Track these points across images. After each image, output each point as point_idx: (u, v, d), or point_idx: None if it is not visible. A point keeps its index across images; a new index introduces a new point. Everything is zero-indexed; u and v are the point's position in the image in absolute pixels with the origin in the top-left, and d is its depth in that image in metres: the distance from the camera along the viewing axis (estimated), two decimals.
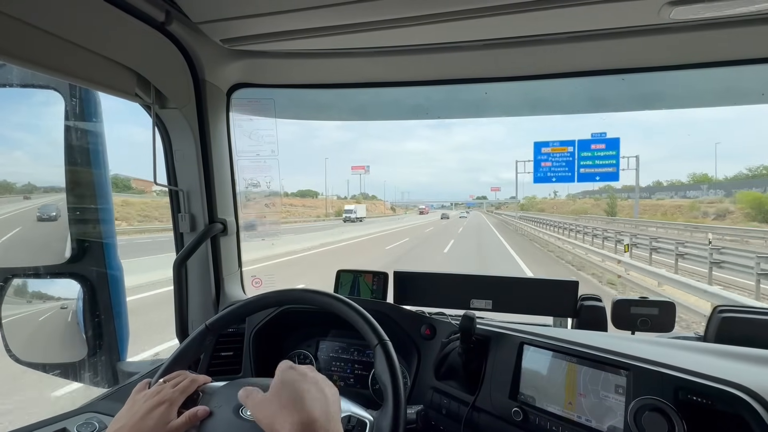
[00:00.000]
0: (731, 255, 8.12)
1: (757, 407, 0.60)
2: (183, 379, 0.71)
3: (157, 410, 0.64)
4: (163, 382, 0.71)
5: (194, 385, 0.71)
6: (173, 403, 0.66)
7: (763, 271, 6.98)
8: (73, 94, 1.13)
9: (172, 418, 0.64)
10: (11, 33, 0.70)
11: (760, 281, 7.03)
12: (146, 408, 0.64)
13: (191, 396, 0.69)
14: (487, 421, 0.87)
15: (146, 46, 0.97)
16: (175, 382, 0.70)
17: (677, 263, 9.88)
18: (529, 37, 1.01)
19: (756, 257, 7.22)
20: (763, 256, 7.18)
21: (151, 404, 0.65)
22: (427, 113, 1.51)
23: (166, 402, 0.65)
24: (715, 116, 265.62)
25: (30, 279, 1.23)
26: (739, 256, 7.94)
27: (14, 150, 1.60)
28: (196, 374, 0.74)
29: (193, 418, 0.65)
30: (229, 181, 1.34)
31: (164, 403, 0.65)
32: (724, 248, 8.59)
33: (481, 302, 1.19)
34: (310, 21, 0.93)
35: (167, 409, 0.65)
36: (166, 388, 0.68)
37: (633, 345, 0.80)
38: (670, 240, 11.86)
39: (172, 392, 0.67)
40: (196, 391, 0.71)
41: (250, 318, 1.18)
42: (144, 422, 0.63)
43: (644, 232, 20.18)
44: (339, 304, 0.76)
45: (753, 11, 0.84)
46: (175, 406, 0.66)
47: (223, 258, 1.32)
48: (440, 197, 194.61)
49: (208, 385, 0.72)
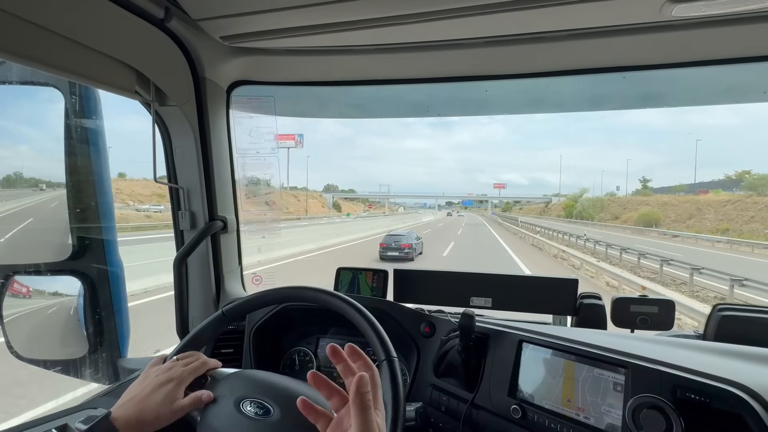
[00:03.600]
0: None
1: (755, 405, 0.60)
2: (194, 360, 0.73)
3: (166, 387, 0.67)
4: (176, 359, 0.74)
5: (204, 367, 0.73)
6: (181, 382, 0.69)
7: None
8: (73, 91, 1.12)
9: (179, 397, 0.67)
10: (11, 30, 0.70)
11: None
12: (156, 383, 0.67)
13: (199, 378, 0.72)
14: (486, 418, 0.88)
15: (146, 43, 0.97)
16: (187, 361, 0.73)
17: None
18: (529, 35, 1.00)
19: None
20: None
21: (161, 380, 0.68)
22: (428, 111, 1.51)
23: (174, 380, 0.68)
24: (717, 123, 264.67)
25: (31, 276, 1.23)
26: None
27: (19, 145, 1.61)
28: (208, 357, 0.76)
29: (197, 402, 0.67)
30: (230, 178, 1.34)
31: (173, 381, 0.68)
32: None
33: (481, 300, 1.19)
34: (310, 18, 0.92)
35: (175, 387, 0.68)
36: (177, 365, 0.71)
37: (632, 343, 0.80)
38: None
39: (182, 371, 0.70)
40: (204, 375, 0.73)
41: (250, 315, 1.18)
42: (152, 397, 0.66)
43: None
44: (352, 311, 0.74)
45: (754, 9, 0.83)
46: (182, 385, 0.69)
47: (223, 255, 1.32)
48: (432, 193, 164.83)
49: (217, 370, 0.74)
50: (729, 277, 8.94)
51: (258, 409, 0.66)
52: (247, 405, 0.66)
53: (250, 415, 0.65)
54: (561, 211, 73.06)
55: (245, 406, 0.66)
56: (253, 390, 0.69)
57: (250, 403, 0.66)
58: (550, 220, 60.71)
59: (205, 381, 0.73)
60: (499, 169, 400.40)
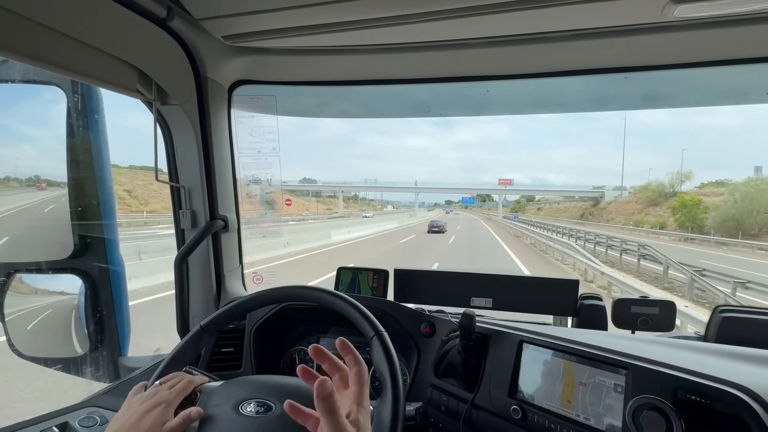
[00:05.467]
0: None
1: (756, 407, 0.60)
2: (179, 381, 0.71)
3: (154, 412, 0.64)
4: (159, 384, 0.71)
5: (191, 386, 0.71)
6: (170, 405, 0.66)
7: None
8: (75, 90, 1.13)
9: (169, 419, 0.64)
10: (14, 29, 0.70)
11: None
12: (142, 410, 0.64)
13: (188, 396, 0.69)
14: (486, 418, 0.88)
15: (148, 42, 0.97)
16: (171, 383, 0.70)
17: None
18: (531, 35, 1.00)
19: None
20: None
21: (148, 406, 0.65)
22: (429, 111, 1.51)
23: (162, 403, 0.65)
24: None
25: (32, 274, 1.24)
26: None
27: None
28: (193, 375, 0.74)
29: (186, 420, 0.65)
30: (231, 177, 1.34)
31: (160, 405, 0.65)
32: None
33: (481, 300, 1.19)
34: (312, 18, 0.93)
35: (163, 410, 0.65)
36: (162, 389, 0.68)
37: (632, 344, 0.80)
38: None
39: (168, 393, 0.67)
40: (193, 392, 0.71)
41: (250, 315, 1.18)
42: (140, 424, 0.63)
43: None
44: (333, 299, 0.76)
45: (757, 10, 0.83)
46: (171, 407, 0.66)
47: (224, 254, 1.32)
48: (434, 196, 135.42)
49: (206, 385, 0.72)
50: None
51: (259, 407, 0.65)
52: (247, 406, 0.66)
53: (252, 415, 0.65)
54: (642, 212, 41.99)
55: (245, 408, 0.66)
56: (251, 391, 0.69)
57: (249, 404, 0.66)
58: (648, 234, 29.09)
59: (195, 397, 0.71)
60: (503, 168, 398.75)
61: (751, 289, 8.45)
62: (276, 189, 1.40)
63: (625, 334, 1.05)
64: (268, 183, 1.39)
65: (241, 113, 1.34)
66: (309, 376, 0.54)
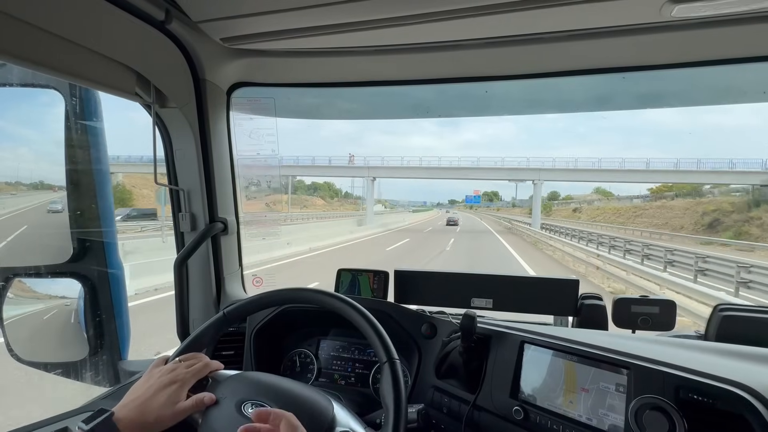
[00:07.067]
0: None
1: (758, 406, 0.60)
2: (197, 362, 0.74)
3: (169, 389, 0.67)
4: (179, 361, 0.74)
5: (207, 369, 0.73)
6: (184, 384, 0.69)
7: None
8: (73, 93, 1.12)
9: (181, 398, 0.68)
10: (11, 32, 0.70)
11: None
12: (159, 384, 0.68)
13: (201, 380, 0.72)
14: (488, 419, 0.88)
15: (146, 44, 0.97)
16: (189, 363, 0.73)
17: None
18: (529, 36, 1.00)
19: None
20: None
21: (164, 381, 0.68)
22: (428, 111, 1.51)
23: (178, 382, 0.69)
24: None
25: (31, 278, 1.23)
26: None
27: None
28: (209, 359, 0.76)
29: (199, 404, 0.68)
30: (230, 180, 1.34)
31: (176, 383, 0.68)
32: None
33: (482, 301, 1.19)
34: (310, 19, 0.92)
35: (178, 389, 0.68)
36: (180, 367, 0.72)
37: (633, 344, 0.80)
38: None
39: (185, 373, 0.70)
40: (206, 377, 0.73)
41: (250, 317, 1.18)
42: (155, 398, 0.66)
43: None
44: (355, 313, 0.74)
45: (754, 9, 0.83)
46: (185, 387, 0.69)
47: (223, 257, 1.32)
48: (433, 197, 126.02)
49: (218, 372, 0.75)
50: None
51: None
52: (249, 407, 0.66)
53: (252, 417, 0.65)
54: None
55: (246, 409, 0.66)
56: (254, 392, 0.69)
57: (251, 405, 0.67)
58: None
59: (207, 383, 0.73)
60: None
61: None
62: (276, 191, 1.40)
63: (625, 334, 1.05)
64: (267, 185, 1.38)
65: (240, 115, 1.34)
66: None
